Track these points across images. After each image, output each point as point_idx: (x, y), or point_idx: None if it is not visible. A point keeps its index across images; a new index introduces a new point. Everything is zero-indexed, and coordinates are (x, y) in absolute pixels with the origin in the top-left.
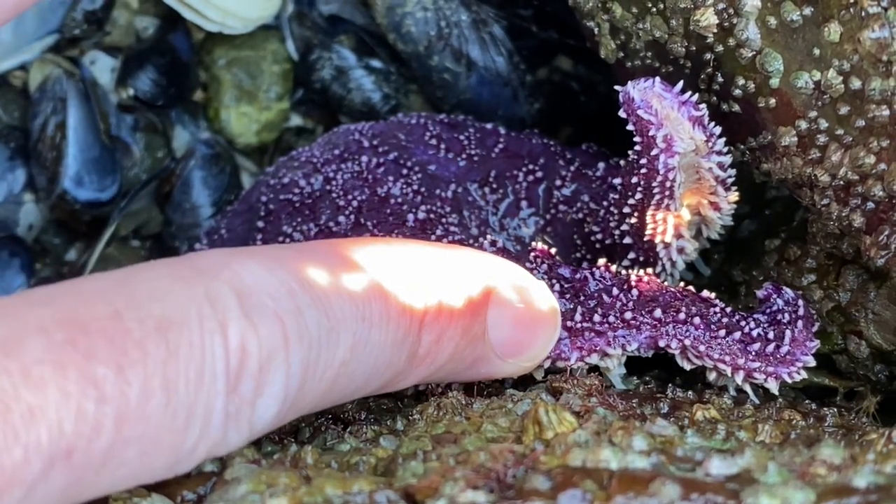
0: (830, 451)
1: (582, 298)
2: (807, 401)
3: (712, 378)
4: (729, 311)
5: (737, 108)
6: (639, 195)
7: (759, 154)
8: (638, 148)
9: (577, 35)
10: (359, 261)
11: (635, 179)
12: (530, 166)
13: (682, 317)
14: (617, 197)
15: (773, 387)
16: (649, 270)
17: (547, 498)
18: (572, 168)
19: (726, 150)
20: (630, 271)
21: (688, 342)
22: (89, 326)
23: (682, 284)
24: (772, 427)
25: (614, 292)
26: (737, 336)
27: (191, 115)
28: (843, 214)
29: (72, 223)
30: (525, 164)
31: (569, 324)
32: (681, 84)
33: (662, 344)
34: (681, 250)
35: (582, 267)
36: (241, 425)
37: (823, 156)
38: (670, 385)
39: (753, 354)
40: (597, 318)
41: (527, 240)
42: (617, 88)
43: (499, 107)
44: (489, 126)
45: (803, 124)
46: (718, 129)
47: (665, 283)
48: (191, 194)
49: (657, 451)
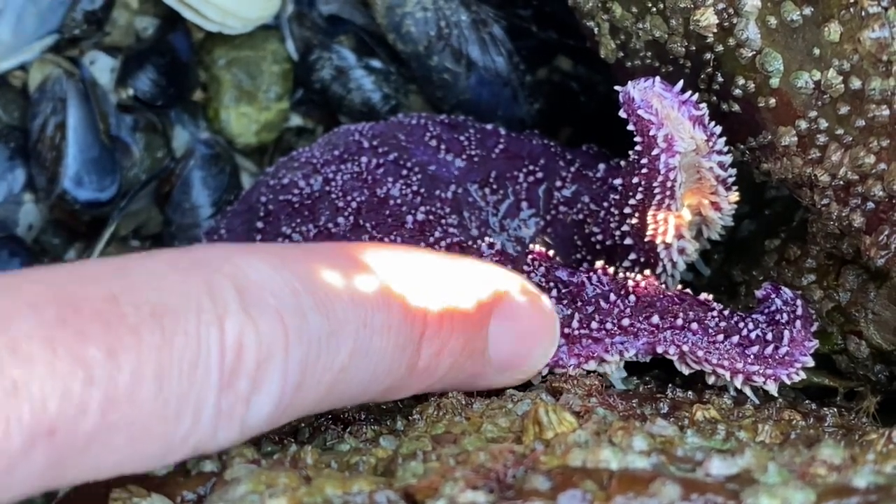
0: (830, 451)
1: (579, 304)
2: (807, 401)
3: (712, 381)
4: (727, 313)
5: (737, 107)
6: (640, 195)
7: (759, 154)
8: (638, 148)
9: (576, 35)
10: (365, 267)
11: (636, 180)
12: (530, 167)
13: (679, 322)
14: (617, 197)
15: (772, 388)
16: (647, 273)
17: (547, 498)
18: (573, 169)
19: (727, 149)
20: (628, 274)
21: (686, 348)
22: (83, 307)
23: (679, 287)
24: (772, 427)
25: (611, 298)
26: (735, 340)
27: (190, 115)
28: (843, 214)
29: (71, 223)
30: (525, 164)
31: (566, 331)
32: (681, 84)
33: (660, 350)
34: (681, 251)
35: (580, 269)
36: (232, 422)
37: (823, 156)
38: (670, 385)
39: (752, 358)
40: (594, 325)
41: (527, 241)
42: (617, 88)
43: (499, 107)
44: (489, 127)
45: (803, 124)
46: (719, 129)
47: (662, 287)
48: (190, 194)
49: (657, 451)
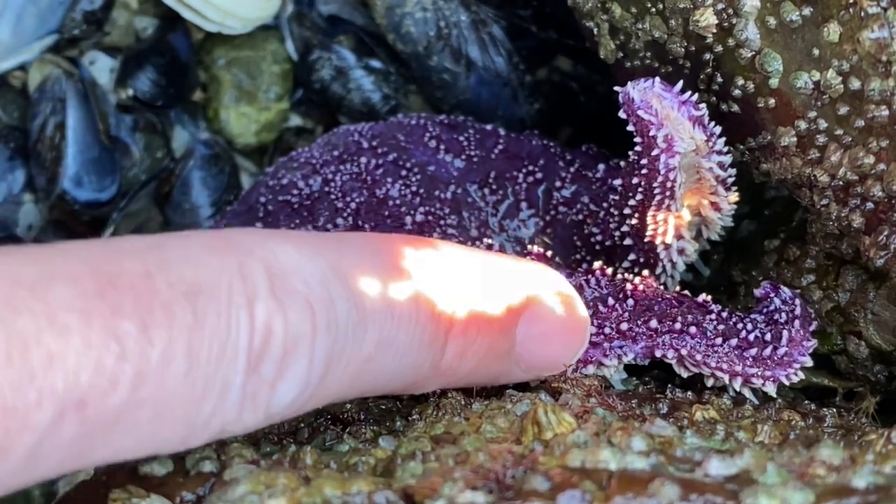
0: (829, 451)
1: None
2: (806, 401)
3: (710, 383)
4: (725, 315)
5: (736, 108)
6: (639, 196)
7: (759, 154)
8: (638, 148)
9: (576, 35)
10: (396, 260)
11: (636, 180)
12: (530, 167)
13: (678, 326)
14: (617, 198)
15: (770, 390)
16: (645, 273)
17: (546, 498)
18: (572, 169)
19: (726, 149)
20: (626, 277)
21: (684, 352)
22: (119, 281)
23: (678, 288)
24: (771, 428)
25: (610, 301)
26: (733, 343)
27: (190, 115)
28: (843, 215)
29: (71, 223)
30: (525, 165)
31: None
32: (680, 84)
33: (659, 354)
34: (681, 251)
35: (578, 271)
36: (257, 406)
37: (823, 156)
38: (669, 385)
39: (750, 360)
40: (592, 329)
41: (526, 241)
42: (617, 89)
43: (498, 107)
44: (489, 127)
45: (802, 124)
46: (718, 129)
47: (661, 290)
48: (190, 194)
49: (656, 451)
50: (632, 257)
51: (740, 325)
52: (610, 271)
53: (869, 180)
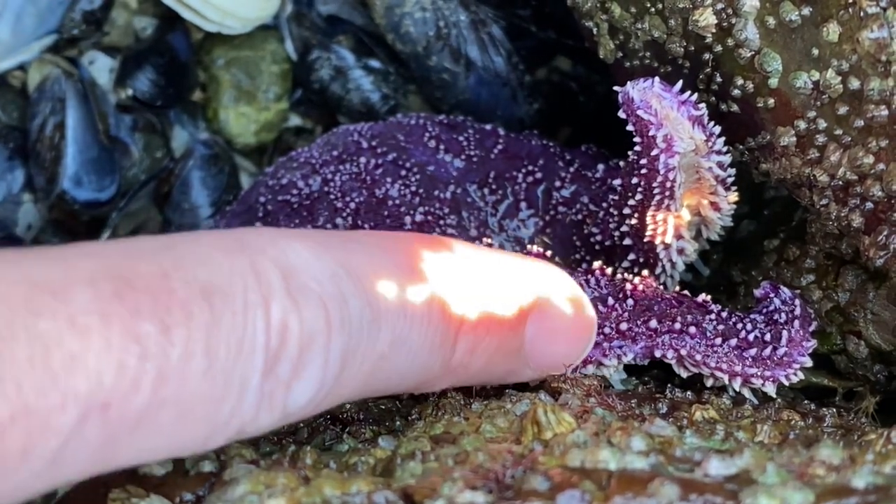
0: (829, 451)
1: None
2: (806, 401)
3: (710, 383)
4: (725, 315)
5: (735, 108)
6: (639, 196)
7: (758, 154)
8: (638, 148)
9: (575, 35)
10: (406, 258)
11: (635, 180)
12: (529, 167)
13: (677, 326)
14: (617, 198)
15: (770, 390)
16: (645, 273)
17: (545, 498)
18: (572, 169)
19: (726, 149)
20: (626, 277)
21: (684, 352)
22: (137, 283)
23: (678, 288)
24: (770, 427)
25: (609, 302)
26: (733, 343)
27: (189, 115)
28: (842, 214)
29: (70, 223)
30: (524, 165)
31: None
32: (680, 84)
33: (658, 354)
34: (681, 251)
35: (578, 271)
36: (274, 406)
37: (822, 156)
38: (669, 385)
39: (750, 360)
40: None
41: (526, 241)
42: (616, 89)
43: (498, 107)
44: (488, 127)
45: (802, 124)
46: (718, 129)
47: (660, 290)
48: (189, 194)
49: (656, 451)
50: (631, 257)
51: (740, 326)
52: (609, 271)
53: (868, 180)
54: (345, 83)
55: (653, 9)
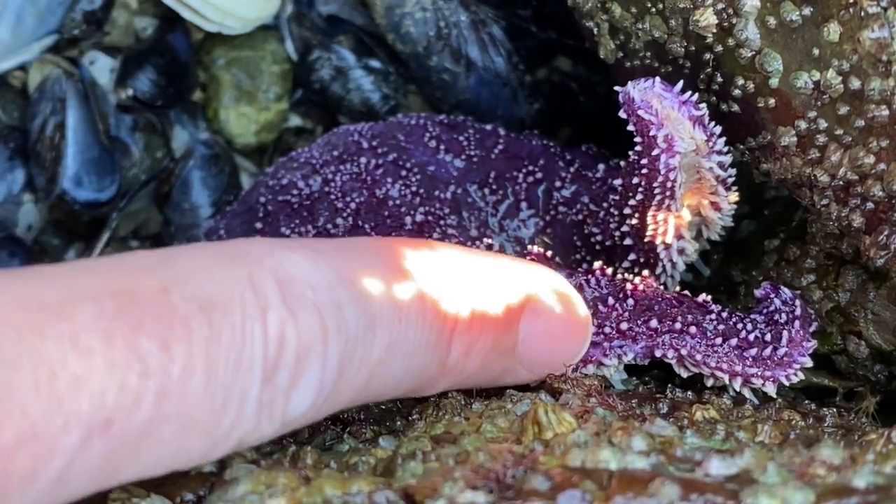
0: (830, 451)
1: None
2: (806, 401)
3: (710, 383)
4: (725, 315)
5: (736, 108)
6: (640, 196)
7: (759, 154)
8: (638, 148)
9: (576, 35)
10: (398, 262)
11: (636, 180)
12: (530, 167)
13: (678, 326)
14: (617, 198)
15: (770, 390)
16: (645, 273)
17: (546, 498)
18: (572, 169)
19: (726, 149)
20: (626, 277)
21: (684, 351)
22: (138, 299)
23: (678, 288)
24: (771, 427)
25: (610, 301)
26: (733, 343)
27: (190, 115)
28: (843, 214)
29: (71, 224)
30: (525, 165)
31: None
32: (681, 84)
33: (659, 354)
34: (681, 251)
35: (578, 271)
36: (273, 415)
37: (823, 156)
38: (669, 385)
39: (750, 360)
40: (592, 329)
41: (526, 241)
42: (617, 89)
43: (498, 107)
44: (489, 127)
45: (803, 124)
46: (718, 129)
47: (661, 289)
48: (190, 195)
49: (656, 451)
50: (632, 257)
51: (740, 326)
52: (610, 271)
53: (869, 180)
54: (345, 83)
55: (653, 9)
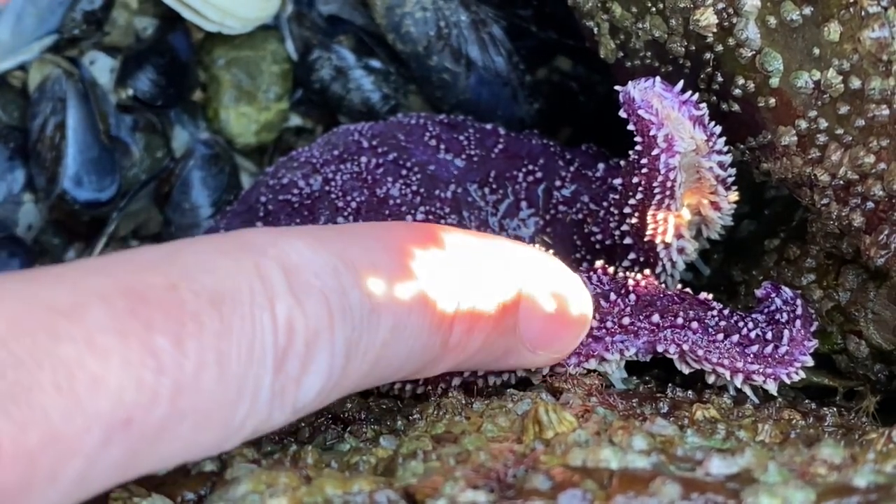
0: (830, 450)
1: None
2: (806, 400)
3: (711, 380)
4: (727, 313)
5: (736, 107)
6: (639, 195)
7: (759, 154)
8: (639, 148)
9: (576, 35)
10: (400, 244)
11: (636, 179)
12: (530, 167)
13: (679, 321)
14: (617, 197)
15: (771, 388)
16: (647, 272)
17: (547, 497)
18: (572, 168)
19: (726, 149)
20: (628, 274)
21: (686, 347)
22: (148, 297)
23: (679, 286)
24: (772, 427)
25: (612, 297)
26: (735, 339)
27: (190, 115)
28: (843, 214)
29: (71, 223)
30: (525, 164)
31: None
32: (681, 84)
33: (660, 349)
34: (681, 250)
35: (580, 269)
36: (285, 403)
37: (823, 155)
38: (670, 385)
39: (752, 357)
40: (594, 324)
41: (526, 240)
42: (617, 88)
43: (498, 107)
44: (489, 126)
45: (803, 124)
46: (719, 129)
47: (663, 286)
48: (190, 194)
49: (657, 450)
50: (632, 256)
51: (741, 324)
52: (612, 270)
53: (869, 179)
54: (345, 83)
55: (654, 8)
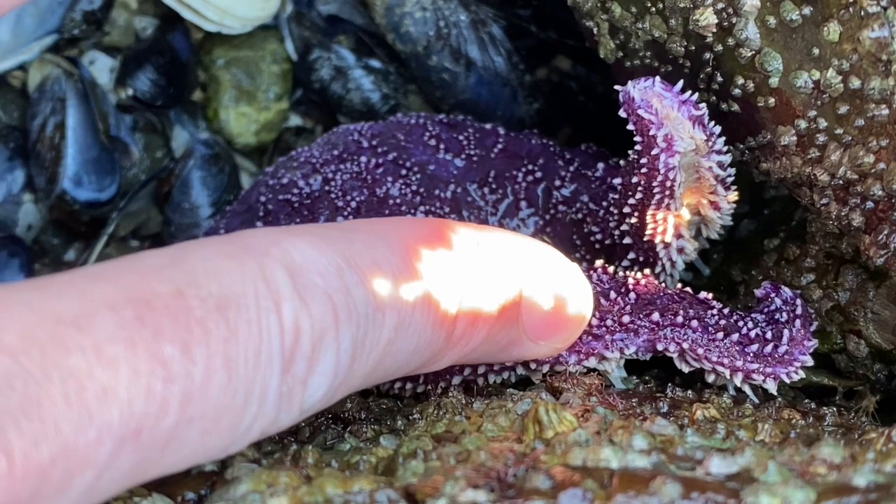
0: (830, 450)
1: None
2: (806, 400)
3: (711, 379)
4: (727, 312)
5: (736, 107)
6: (639, 195)
7: (759, 153)
8: (638, 148)
9: (575, 35)
10: (402, 240)
11: (635, 179)
12: (529, 166)
13: (679, 320)
14: (617, 197)
15: (771, 387)
16: (647, 272)
17: (547, 497)
18: (571, 168)
19: (726, 149)
20: (627, 273)
21: (686, 345)
22: (155, 304)
23: (679, 285)
24: (771, 426)
25: (612, 296)
26: (735, 338)
27: (190, 115)
28: (843, 214)
29: (71, 223)
30: (524, 164)
31: None
32: (680, 83)
33: (660, 347)
34: (680, 250)
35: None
36: (292, 405)
37: (823, 155)
38: (670, 384)
39: (752, 356)
40: (594, 322)
41: None
42: (617, 88)
43: (498, 107)
44: (488, 126)
45: (802, 124)
46: (718, 129)
47: (663, 286)
48: (190, 194)
49: (657, 450)
50: (631, 256)
51: (741, 323)
52: (612, 270)
53: (869, 179)
54: (345, 83)
55: (653, 8)
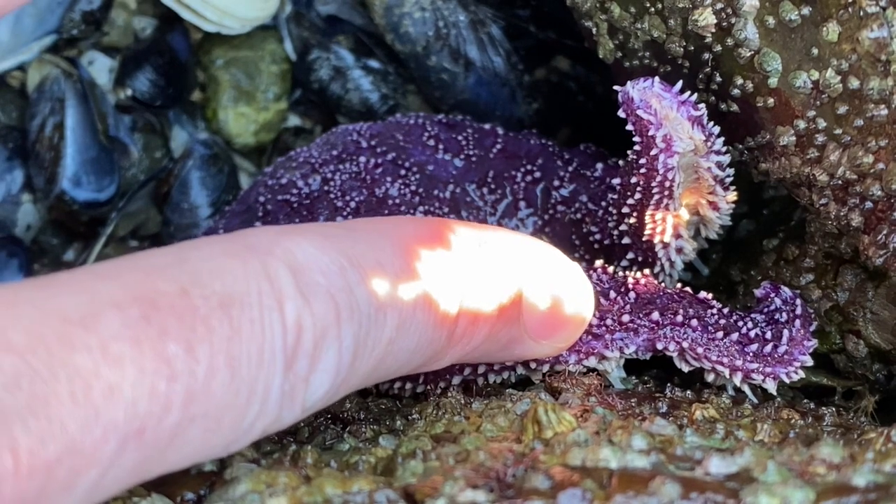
0: (829, 449)
1: None
2: (805, 400)
3: (710, 379)
4: (726, 311)
5: (735, 107)
6: (638, 195)
7: (758, 154)
8: (637, 148)
9: (575, 35)
10: (404, 239)
11: (634, 179)
12: (528, 167)
13: (679, 319)
14: (615, 197)
15: (770, 387)
16: (647, 271)
17: (547, 497)
18: (570, 168)
19: (725, 149)
20: (627, 273)
21: (685, 344)
22: (160, 303)
23: (679, 285)
24: (770, 426)
25: (611, 295)
26: (734, 337)
27: (189, 115)
28: (842, 214)
29: (70, 224)
30: (523, 164)
31: None
32: (680, 84)
33: (660, 346)
34: (679, 250)
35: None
36: (294, 403)
37: (822, 155)
38: (669, 385)
39: (751, 355)
40: (594, 322)
41: None
42: (616, 88)
43: (497, 107)
44: (487, 126)
45: (801, 124)
46: (717, 129)
47: (662, 285)
48: (189, 195)
49: (656, 450)
50: (630, 256)
51: (741, 323)
52: (611, 269)
53: (868, 179)
54: (344, 83)
55: (652, 9)
